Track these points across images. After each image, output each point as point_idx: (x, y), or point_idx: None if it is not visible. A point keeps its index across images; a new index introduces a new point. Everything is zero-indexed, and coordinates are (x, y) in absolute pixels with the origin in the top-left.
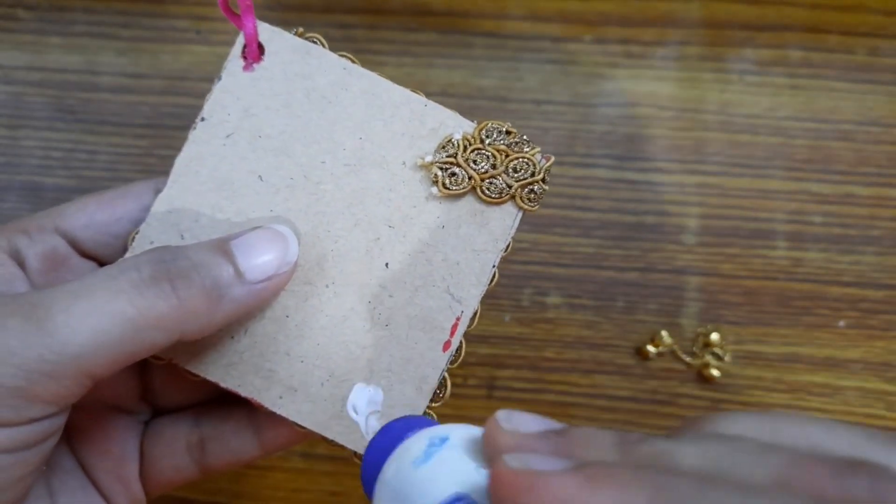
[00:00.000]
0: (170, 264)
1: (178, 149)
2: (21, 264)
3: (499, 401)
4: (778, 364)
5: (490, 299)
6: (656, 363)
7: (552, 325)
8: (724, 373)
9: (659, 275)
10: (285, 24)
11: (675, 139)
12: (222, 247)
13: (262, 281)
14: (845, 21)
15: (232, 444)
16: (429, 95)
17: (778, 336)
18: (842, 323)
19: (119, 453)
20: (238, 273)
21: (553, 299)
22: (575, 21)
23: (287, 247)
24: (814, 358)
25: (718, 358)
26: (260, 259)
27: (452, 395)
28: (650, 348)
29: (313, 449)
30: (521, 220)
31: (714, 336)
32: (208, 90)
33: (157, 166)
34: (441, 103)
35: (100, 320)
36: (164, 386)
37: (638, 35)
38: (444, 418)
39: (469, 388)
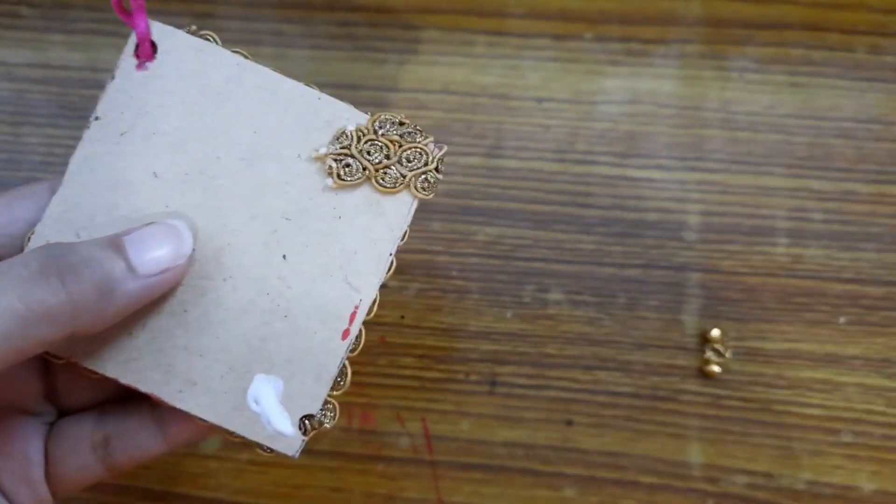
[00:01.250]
0: (59, 259)
1: None
2: None
3: (500, 397)
4: (779, 360)
5: (491, 295)
6: (658, 359)
7: (553, 321)
8: (725, 369)
9: (660, 271)
10: (287, 23)
11: (675, 136)
12: (114, 242)
13: (155, 274)
14: (845, 19)
15: (136, 440)
16: (430, 93)
17: (779, 332)
18: (842, 319)
19: (23, 455)
20: (130, 267)
21: (554, 296)
22: (576, 19)
23: (181, 240)
24: (814, 354)
25: (719, 354)
26: (153, 253)
27: (454, 391)
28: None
29: (315, 445)
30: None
31: (715, 332)
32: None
33: None
34: (442, 101)
35: None
36: (67, 385)
37: (639, 33)
38: (445, 414)
39: (471, 385)
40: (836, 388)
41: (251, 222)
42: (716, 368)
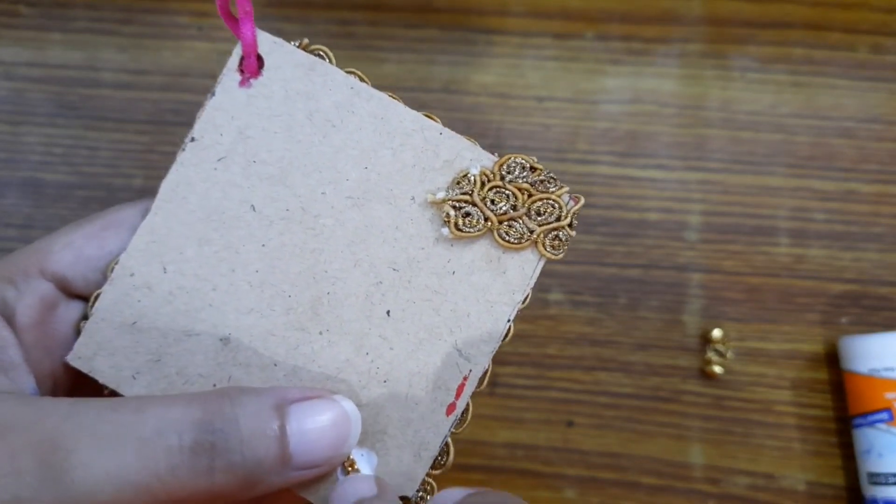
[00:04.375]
0: (216, 436)
1: (179, 145)
2: (9, 320)
3: (501, 398)
4: (780, 360)
5: None
6: (659, 360)
7: (554, 321)
8: (727, 369)
9: (661, 271)
10: (287, 21)
11: (677, 136)
12: (280, 406)
13: (308, 468)
14: (847, 18)
15: None
16: (430, 92)
17: (780, 333)
18: (844, 320)
19: None
20: (285, 458)
21: (555, 296)
22: (577, 18)
23: (349, 432)
24: (816, 355)
25: (720, 355)
26: (316, 440)
27: None
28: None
29: None
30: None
31: (716, 333)
32: (209, 87)
33: (158, 162)
34: (443, 100)
35: (122, 487)
36: None
37: (640, 32)
38: None
39: None
40: (837, 389)
41: (354, 270)
42: (717, 369)
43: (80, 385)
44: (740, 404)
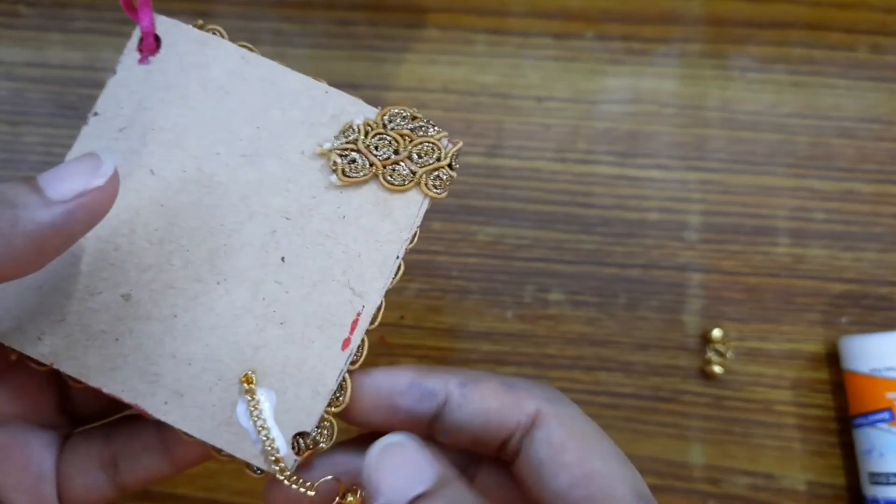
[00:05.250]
0: None
1: None
2: None
3: None
4: (780, 360)
5: (492, 296)
6: (659, 360)
7: (554, 321)
8: (727, 369)
9: (661, 271)
10: (287, 21)
11: (676, 136)
12: (28, 180)
13: (69, 200)
14: (847, 18)
15: (143, 461)
16: (430, 92)
17: (780, 333)
18: (844, 319)
19: (37, 472)
20: (40, 194)
21: (555, 296)
22: (576, 18)
23: (97, 164)
24: (816, 354)
25: (720, 354)
26: (65, 178)
27: None
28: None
29: None
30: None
31: (716, 333)
32: None
33: None
34: (442, 100)
35: None
36: (81, 394)
37: (639, 32)
38: None
39: None
40: (837, 389)
41: (248, 222)
42: (717, 369)
43: None
44: (740, 404)
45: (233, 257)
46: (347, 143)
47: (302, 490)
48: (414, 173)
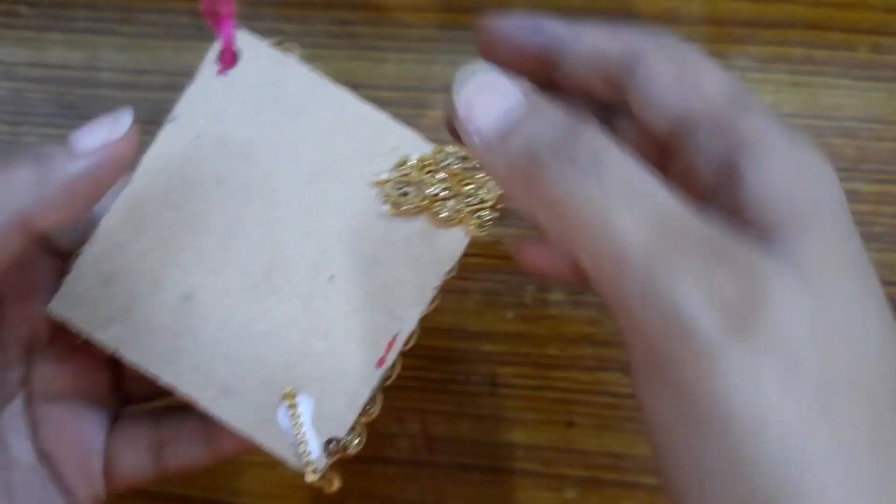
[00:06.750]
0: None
1: None
2: None
3: (501, 398)
4: None
5: (492, 296)
6: None
7: (555, 321)
8: None
9: None
10: (287, 21)
11: None
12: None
13: (92, 151)
14: (847, 18)
15: (187, 448)
16: (430, 91)
17: None
18: None
19: (88, 446)
20: (67, 147)
21: (555, 296)
22: (577, 18)
23: (116, 120)
24: None
25: None
26: (89, 133)
27: (454, 392)
28: None
29: None
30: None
31: None
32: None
33: None
34: (442, 100)
35: None
36: (133, 379)
37: None
38: (445, 415)
39: (472, 386)
40: None
41: (305, 238)
42: None
43: (58, 334)
44: None
45: (287, 271)
46: (402, 176)
47: (326, 486)
48: (459, 211)
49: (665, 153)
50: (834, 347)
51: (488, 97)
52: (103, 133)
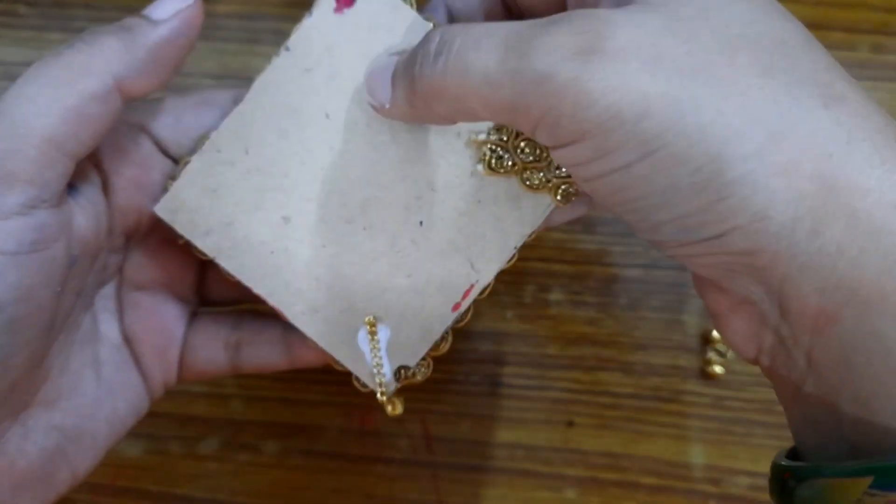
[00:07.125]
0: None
1: None
2: (97, 165)
3: (501, 398)
4: None
5: (492, 296)
6: (659, 360)
7: (554, 321)
8: (727, 369)
9: (662, 271)
10: (287, 21)
11: None
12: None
13: (168, 19)
14: (848, 18)
15: (264, 352)
16: None
17: None
18: None
19: (169, 335)
20: (144, 17)
21: (555, 296)
22: None
23: None
24: None
25: (721, 355)
26: (163, 4)
27: (454, 392)
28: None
29: (315, 446)
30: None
31: (716, 333)
32: (209, 86)
33: None
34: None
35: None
36: (216, 282)
37: None
38: (445, 415)
39: (471, 386)
40: None
41: (400, 182)
42: (718, 369)
43: (154, 230)
44: (741, 404)
45: (381, 209)
46: (499, 139)
47: (390, 408)
48: (549, 181)
49: None
50: (697, 30)
51: (377, 77)
52: (175, 2)
